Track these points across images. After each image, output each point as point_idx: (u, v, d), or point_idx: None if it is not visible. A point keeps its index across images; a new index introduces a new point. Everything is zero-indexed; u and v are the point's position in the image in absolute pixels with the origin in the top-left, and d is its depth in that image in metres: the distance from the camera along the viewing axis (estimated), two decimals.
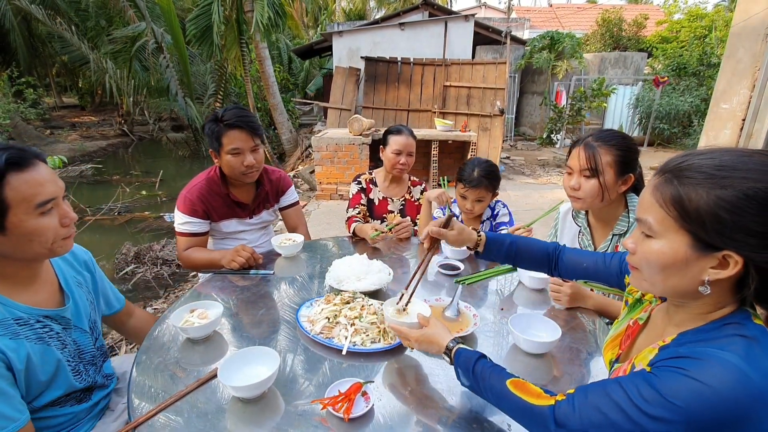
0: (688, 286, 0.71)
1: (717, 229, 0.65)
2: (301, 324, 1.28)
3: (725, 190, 0.64)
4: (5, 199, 0.89)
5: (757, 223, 0.63)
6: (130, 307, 1.43)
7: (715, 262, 0.67)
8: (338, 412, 0.94)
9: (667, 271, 0.72)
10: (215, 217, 1.88)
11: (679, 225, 0.69)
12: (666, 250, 0.71)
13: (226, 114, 1.75)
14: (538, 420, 0.77)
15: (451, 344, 0.98)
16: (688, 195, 0.67)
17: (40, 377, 0.99)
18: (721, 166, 0.66)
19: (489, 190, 1.94)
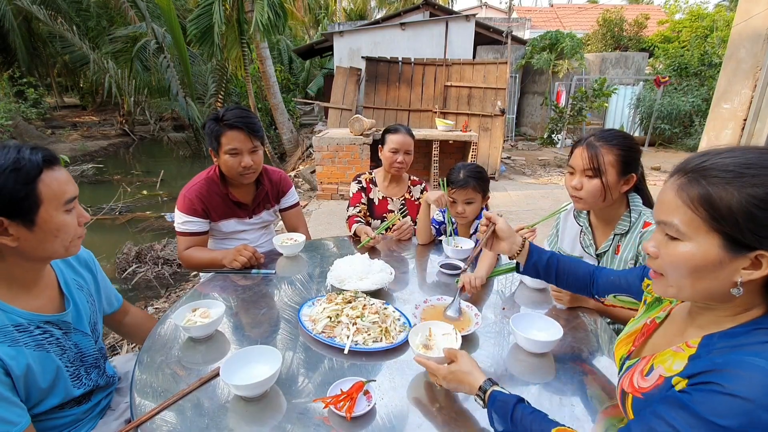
0: (720, 288, 0.69)
1: (751, 228, 0.64)
2: (303, 323, 1.28)
3: (757, 188, 0.63)
4: (39, 194, 0.93)
5: None
6: (127, 305, 1.43)
7: (748, 262, 0.66)
8: (340, 411, 0.94)
9: (698, 275, 0.70)
10: (215, 216, 1.87)
11: (709, 226, 0.67)
12: (696, 252, 0.69)
13: (227, 114, 1.75)
14: None
15: (485, 385, 0.92)
16: (719, 194, 0.65)
17: (41, 384, 0.99)
18: (749, 164, 0.65)
19: (477, 190, 1.94)
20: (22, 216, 0.92)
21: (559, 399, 1.04)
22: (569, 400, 1.03)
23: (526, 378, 1.11)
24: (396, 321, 1.30)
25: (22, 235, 0.93)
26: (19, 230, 0.92)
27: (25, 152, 0.93)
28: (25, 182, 0.90)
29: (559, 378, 1.11)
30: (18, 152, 0.92)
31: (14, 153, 0.91)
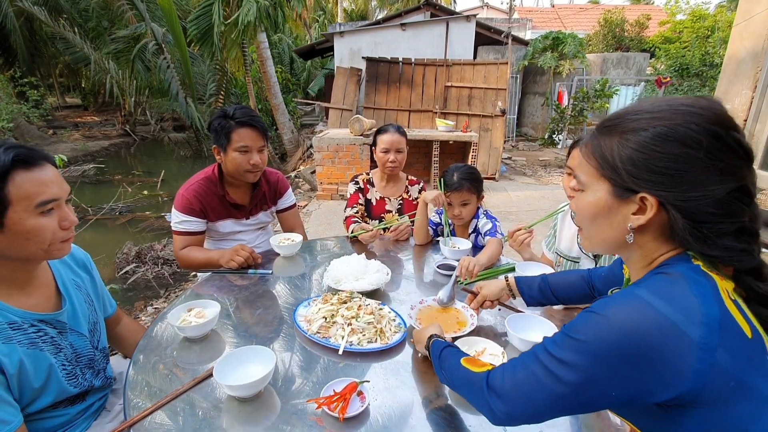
0: (617, 235, 0.71)
1: (630, 171, 0.66)
2: (298, 323, 1.28)
3: (635, 132, 0.65)
4: (7, 195, 0.90)
5: (663, 161, 0.63)
6: (120, 314, 1.42)
7: (635, 207, 0.67)
8: (333, 411, 0.94)
9: (597, 222, 0.73)
10: (212, 216, 1.87)
11: (599, 174, 0.71)
12: (592, 200, 0.73)
13: (237, 112, 1.76)
14: (477, 386, 0.79)
15: (432, 337, 1.03)
16: (604, 143, 0.69)
17: (34, 383, 0.99)
18: (634, 111, 0.68)
19: (472, 191, 1.95)
20: None
21: None
22: None
23: None
24: (391, 322, 1.29)
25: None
26: None
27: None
28: None
29: None
30: None
31: None
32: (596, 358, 0.62)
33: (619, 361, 0.60)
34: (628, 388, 0.62)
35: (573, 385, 0.64)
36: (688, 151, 0.62)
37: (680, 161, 0.62)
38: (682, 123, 0.63)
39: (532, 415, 0.71)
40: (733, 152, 0.62)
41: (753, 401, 0.60)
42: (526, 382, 0.70)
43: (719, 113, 0.63)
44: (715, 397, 0.59)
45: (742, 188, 0.63)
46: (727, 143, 0.62)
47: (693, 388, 0.58)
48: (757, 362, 0.61)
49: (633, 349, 0.59)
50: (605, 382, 0.62)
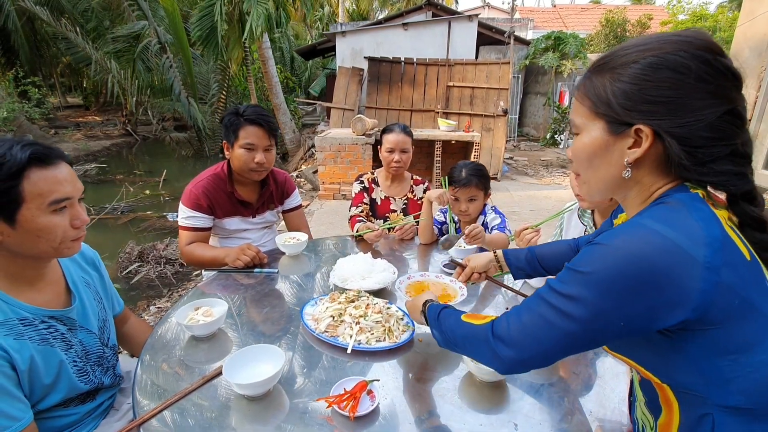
0: (615, 173, 0.71)
1: (623, 104, 0.66)
2: (306, 322, 1.28)
3: (626, 66, 0.66)
4: (21, 192, 0.91)
5: (656, 89, 0.64)
6: (127, 312, 1.42)
7: (631, 141, 0.68)
8: (343, 410, 0.93)
9: (594, 162, 0.73)
10: (219, 213, 1.88)
11: (593, 113, 0.71)
12: (587, 141, 0.73)
13: (248, 110, 1.80)
14: (481, 337, 0.79)
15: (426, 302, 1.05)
16: (596, 81, 0.70)
17: (44, 380, 0.99)
18: (624, 47, 0.69)
19: (479, 188, 1.96)
20: (2, 212, 0.90)
21: (564, 399, 1.03)
22: (574, 399, 1.03)
23: (531, 378, 1.10)
24: (399, 321, 1.29)
25: (5, 231, 0.92)
26: (2, 226, 0.91)
27: (15, 148, 0.91)
28: (5, 178, 0.89)
29: (562, 378, 1.10)
30: (8, 148, 0.91)
31: (4, 149, 0.90)
32: (605, 288, 0.62)
33: (628, 289, 0.61)
34: (636, 316, 0.62)
35: (582, 320, 0.64)
36: (679, 76, 0.63)
37: (672, 88, 0.63)
38: (671, 51, 0.64)
39: (542, 358, 0.71)
40: (722, 75, 0.63)
41: (757, 321, 0.61)
42: (533, 324, 0.70)
43: (707, 40, 0.65)
44: (721, 316, 0.60)
45: (732, 111, 0.64)
46: (716, 67, 0.63)
47: (700, 308, 0.59)
48: (757, 284, 0.63)
49: (640, 274, 0.60)
50: (614, 311, 0.62)
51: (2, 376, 0.89)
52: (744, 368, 0.62)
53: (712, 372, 0.63)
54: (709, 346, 0.62)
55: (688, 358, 0.64)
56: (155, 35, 10.42)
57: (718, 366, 0.62)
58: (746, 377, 0.62)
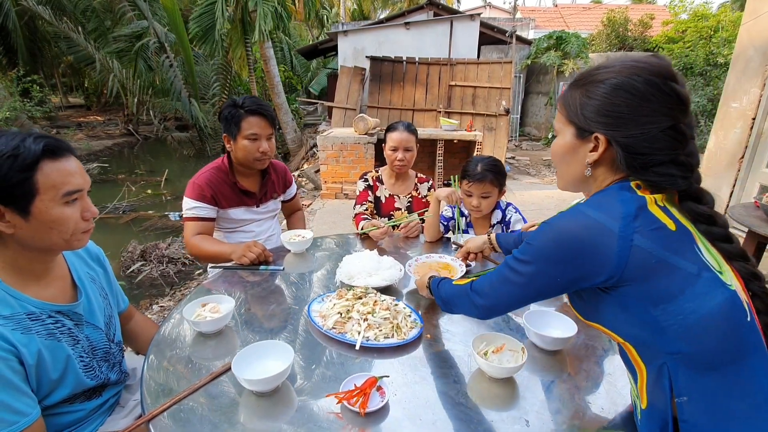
0: (579, 170, 0.88)
1: (587, 116, 0.82)
2: (313, 319, 1.27)
3: (594, 84, 0.81)
4: (35, 184, 0.91)
5: (611, 106, 0.79)
6: (132, 310, 1.42)
7: (591, 145, 0.83)
8: (354, 406, 0.93)
9: (565, 159, 0.90)
10: (224, 203, 1.89)
11: (567, 120, 0.87)
12: (561, 142, 0.90)
13: (246, 101, 1.82)
14: (464, 293, 1.03)
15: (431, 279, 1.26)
16: (573, 95, 0.85)
17: (51, 375, 0.98)
18: (597, 68, 0.84)
19: (494, 184, 1.91)
20: (16, 204, 0.90)
21: (574, 396, 1.02)
22: (584, 396, 1.02)
23: (541, 375, 1.09)
24: (407, 317, 1.28)
25: (18, 224, 0.92)
26: (15, 218, 0.91)
27: (28, 140, 0.91)
28: (20, 170, 0.89)
29: (573, 375, 1.09)
30: (22, 140, 0.91)
31: (17, 141, 0.90)
32: (542, 254, 0.83)
33: (559, 256, 0.80)
34: (569, 274, 0.80)
35: (528, 276, 0.85)
36: (631, 97, 0.77)
37: (624, 105, 0.78)
38: (627, 75, 0.78)
39: (504, 305, 0.96)
40: (668, 97, 0.77)
41: (676, 276, 0.74)
42: (498, 280, 0.93)
43: (660, 67, 0.78)
44: (641, 273, 0.74)
45: (674, 127, 0.77)
46: (663, 90, 0.76)
47: (619, 267, 0.75)
48: (680, 248, 0.75)
49: (568, 245, 0.79)
50: (551, 272, 0.82)
51: (10, 371, 0.88)
52: (674, 316, 0.74)
53: (650, 321, 0.76)
54: (640, 298, 0.76)
55: (628, 311, 0.78)
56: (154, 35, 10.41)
57: (652, 315, 0.75)
58: (678, 324, 0.74)
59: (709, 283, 0.74)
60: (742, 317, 0.74)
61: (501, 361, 1.08)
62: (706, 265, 0.75)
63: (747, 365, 0.74)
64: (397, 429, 0.92)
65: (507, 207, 2.07)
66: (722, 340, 0.73)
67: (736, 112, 3.88)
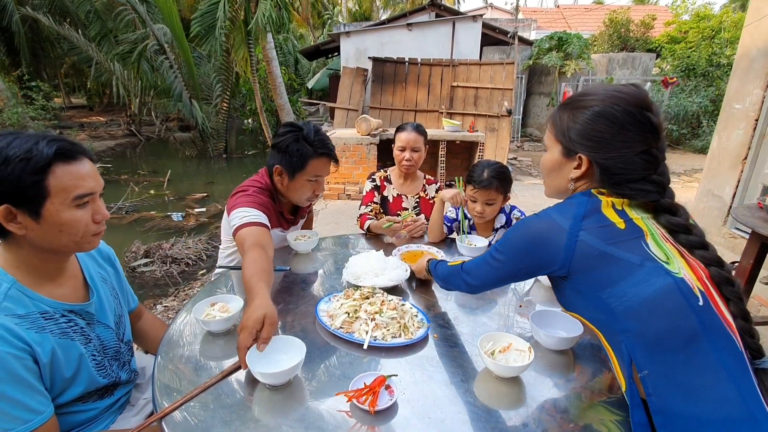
0: (563, 184, 1.01)
1: (571, 137, 0.94)
2: (321, 318, 1.28)
3: (580, 110, 0.92)
4: (47, 186, 0.92)
5: (593, 131, 0.90)
6: (141, 309, 1.43)
7: (576, 163, 0.95)
8: (363, 404, 0.94)
9: (552, 173, 1.03)
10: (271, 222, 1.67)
11: (555, 139, 0.99)
12: (549, 157, 1.02)
13: (317, 140, 1.64)
14: (456, 272, 1.20)
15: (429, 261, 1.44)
16: (561, 116, 0.97)
17: (65, 373, 0.99)
18: (583, 94, 0.95)
19: (500, 191, 1.89)
20: (28, 206, 0.91)
21: (581, 395, 1.03)
22: (591, 396, 1.03)
23: (547, 374, 1.10)
24: (414, 317, 1.29)
25: (29, 225, 0.93)
26: (26, 220, 0.92)
27: (41, 143, 0.92)
28: (32, 172, 0.90)
29: (580, 375, 1.10)
30: (35, 143, 0.92)
31: (30, 143, 0.91)
32: (511, 246, 1.00)
33: (521, 246, 0.97)
34: (529, 262, 0.96)
35: (502, 262, 1.03)
36: (610, 124, 0.88)
37: (603, 132, 0.89)
38: (609, 104, 0.89)
39: (487, 284, 1.13)
40: (643, 126, 0.88)
41: (617, 266, 0.85)
42: (482, 263, 1.10)
43: (637, 97, 0.89)
44: (585, 264, 0.88)
45: (647, 152, 0.88)
46: (639, 120, 0.88)
47: (567, 258, 0.89)
48: (625, 243, 0.86)
49: (529, 239, 0.95)
50: (518, 259, 0.99)
51: (25, 370, 0.90)
52: (618, 298, 0.85)
53: (601, 303, 0.88)
54: (589, 284, 0.89)
55: (582, 295, 0.92)
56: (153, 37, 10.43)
57: (601, 299, 0.87)
58: (624, 305, 0.84)
59: (651, 271, 0.83)
60: (693, 301, 0.82)
61: (508, 360, 1.09)
62: (651, 256, 0.85)
63: (703, 343, 0.80)
64: (406, 427, 0.93)
65: (512, 211, 2.07)
66: (671, 319, 0.82)
67: (739, 114, 3.89)
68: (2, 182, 0.88)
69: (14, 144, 0.90)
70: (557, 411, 0.98)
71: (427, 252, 1.85)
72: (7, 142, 0.90)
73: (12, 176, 0.88)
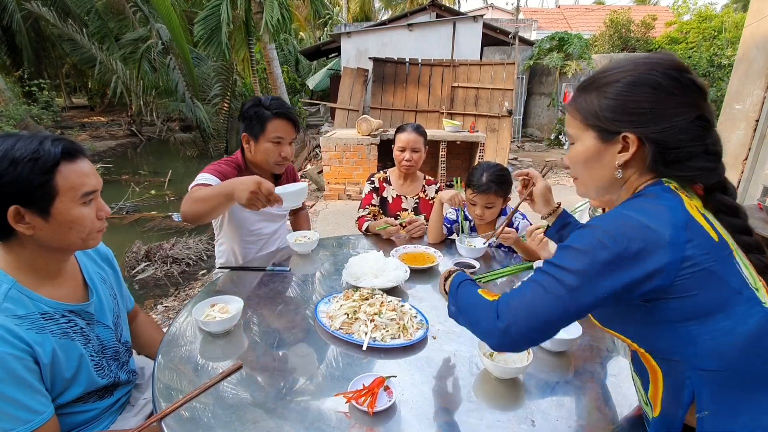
0: (608, 174, 0.84)
1: (610, 117, 0.79)
2: (321, 319, 1.28)
3: (609, 85, 0.79)
4: (56, 185, 0.93)
5: (637, 103, 0.77)
6: (137, 310, 1.44)
7: (619, 146, 0.80)
8: (362, 405, 0.94)
9: (589, 165, 0.86)
10: None
11: (585, 125, 0.84)
12: (582, 148, 0.86)
13: (273, 102, 1.77)
14: (489, 312, 0.83)
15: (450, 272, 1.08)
16: (586, 99, 0.83)
17: (65, 374, 1.00)
18: (604, 70, 0.82)
19: (499, 195, 1.88)
20: (37, 205, 0.93)
21: (579, 396, 1.03)
22: (589, 397, 1.03)
23: (545, 376, 1.11)
24: (413, 318, 1.30)
25: (38, 225, 0.94)
26: (35, 219, 0.93)
27: (47, 144, 0.94)
28: (41, 172, 0.91)
29: (578, 376, 1.11)
30: (40, 143, 0.93)
31: (36, 144, 0.93)
32: (589, 260, 0.72)
33: (608, 259, 0.71)
34: (615, 282, 0.71)
35: (571, 287, 0.73)
36: (654, 91, 0.76)
37: (649, 101, 0.76)
38: (644, 71, 0.77)
39: (538, 327, 0.76)
40: (689, 88, 0.76)
41: (720, 290, 0.70)
42: (533, 294, 0.77)
43: (674, 60, 0.78)
44: (687, 285, 0.70)
45: (701, 117, 0.76)
46: (683, 82, 0.76)
47: (668, 277, 0.69)
48: (724, 261, 0.72)
49: (618, 247, 0.70)
50: (597, 278, 0.72)
51: (25, 370, 0.90)
52: (711, 333, 0.70)
53: (684, 336, 0.72)
54: (680, 311, 0.71)
55: (663, 324, 0.74)
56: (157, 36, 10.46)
57: (689, 330, 0.71)
58: (712, 341, 0.70)
59: (748, 301, 0.70)
60: None
61: (507, 361, 1.09)
62: (745, 281, 0.72)
63: None
64: (404, 428, 0.93)
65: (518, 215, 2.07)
66: (755, 360, 0.70)
67: (740, 114, 3.89)
68: (12, 183, 0.89)
69: (19, 145, 0.91)
70: (556, 412, 0.98)
71: (425, 252, 1.85)
72: (12, 144, 0.91)
73: (21, 177, 0.90)
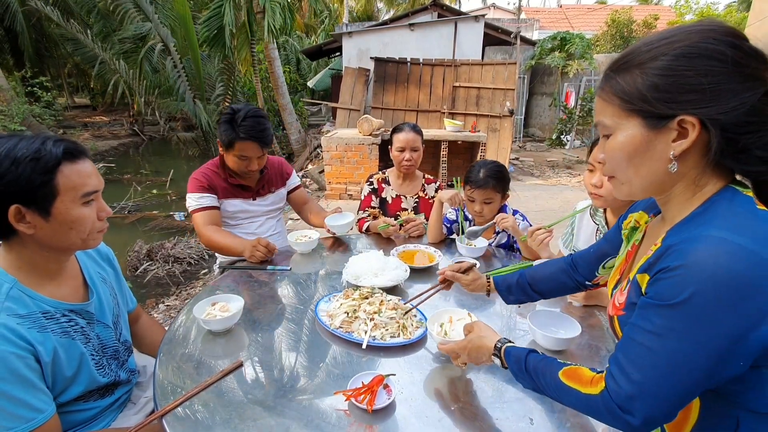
0: (660, 168, 0.68)
1: (658, 97, 0.64)
2: (321, 318, 1.29)
3: (654, 60, 0.65)
4: (57, 185, 0.94)
5: (694, 77, 0.62)
6: (139, 311, 1.45)
7: (675, 133, 0.65)
8: (361, 403, 0.95)
9: (635, 160, 0.70)
10: (220, 194, 1.95)
11: (626, 111, 0.68)
12: (624, 139, 0.70)
13: (244, 123, 1.79)
14: (600, 409, 0.70)
15: (499, 344, 0.92)
16: (624, 80, 0.68)
17: (66, 372, 1.01)
18: (645, 43, 0.68)
19: (497, 190, 1.90)
20: (38, 205, 0.93)
21: None
22: None
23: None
24: (412, 317, 1.30)
25: (39, 224, 0.95)
26: (35, 219, 0.94)
27: (48, 144, 0.94)
28: (42, 172, 0.92)
29: None
30: (42, 143, 0.94)
31: (38, 144, 0.94)
32: (697, 314, 0.59)
33: (724, 308, 0.58)
34: (734, 326, 0.58)
35: (680, 333, 0.61)
36: (715, 63, 0.61)
37: (711, 74, 0.61)
38: (699, 40, 0.62)
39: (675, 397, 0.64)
40: (753, 58, 0.62)
41: None
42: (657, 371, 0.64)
43: (729, 27, 0.64)
44: None
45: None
46: (746, 51, 0.62)
47: None
48: None
49: (734, 291, 0.57)
50: (713, 334, 0.59)
51: (27, 369, 0.91)
52: None
53: (754, 379, 0.63)
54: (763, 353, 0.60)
55: None
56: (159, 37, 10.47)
57: (761, 374, 0.62)
58: None
59: None
60: None
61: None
62: None
63: None
64: (403, 426, 0.94)
65: (514, 215, 2.07)
66: None
67: None
68: (13, 183, 0.90)
69: (21, 145, 0.92)
70: (555, 410, 0.98)
71: (424, 251, 1.84)
72: (14, 144, 0.92)
73: (23, 177, 0.91)
